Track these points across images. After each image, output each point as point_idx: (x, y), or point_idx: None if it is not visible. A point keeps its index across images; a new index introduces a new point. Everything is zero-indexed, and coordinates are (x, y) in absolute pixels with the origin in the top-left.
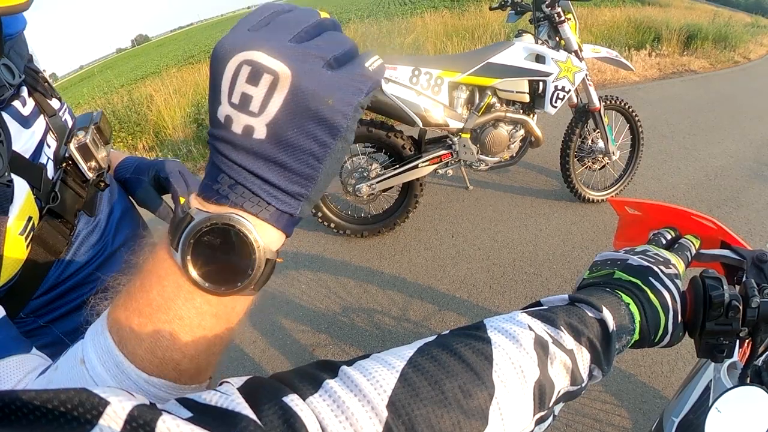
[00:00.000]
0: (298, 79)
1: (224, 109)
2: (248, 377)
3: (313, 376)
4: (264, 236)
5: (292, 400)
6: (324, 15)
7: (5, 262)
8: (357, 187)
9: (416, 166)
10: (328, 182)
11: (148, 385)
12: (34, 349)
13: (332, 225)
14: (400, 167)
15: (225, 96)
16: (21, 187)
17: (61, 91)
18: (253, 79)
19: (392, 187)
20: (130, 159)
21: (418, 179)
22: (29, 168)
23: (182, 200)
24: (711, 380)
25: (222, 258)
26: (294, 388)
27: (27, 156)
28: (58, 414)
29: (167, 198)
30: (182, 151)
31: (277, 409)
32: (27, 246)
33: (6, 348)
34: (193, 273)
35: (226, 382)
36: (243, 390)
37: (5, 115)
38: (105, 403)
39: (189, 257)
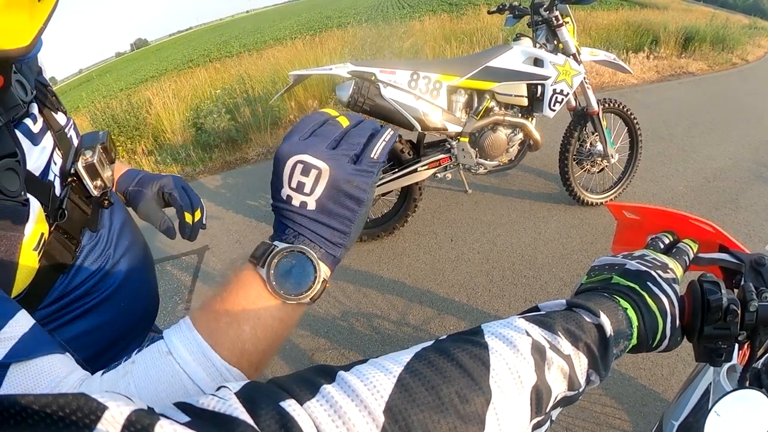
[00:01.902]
0: (334, 171)
1: (286, 191)
2: (246, 382)
3: (310, 381)
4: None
5: (290, 405)
6: (332, 113)
7: (19, 276)
8: None
9: (415, 170)
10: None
11: (228, 373)
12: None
13: None
14: (399, 171)
15: (286, 183)
16: (34, 205)
17: (60, 94)
18: (305, 172)
19: (391, 191)
20: (132, 171)
21: (417, 183)
22: (39, 186)
23: (187, 216)
24: (710, 383)
25: (293, 274)
26: (291, 393)
27: (37, 174)
28: (56, 418)
29: (167, 211)
30: (181, 155)
31: (275, 414)
32: (38, 261)
33: (47, 346)
34: (273, 283)
35: (224, 387)
36: (240, 395)
37: (18, 133)
38: (103, 408)
39: (272, 271)
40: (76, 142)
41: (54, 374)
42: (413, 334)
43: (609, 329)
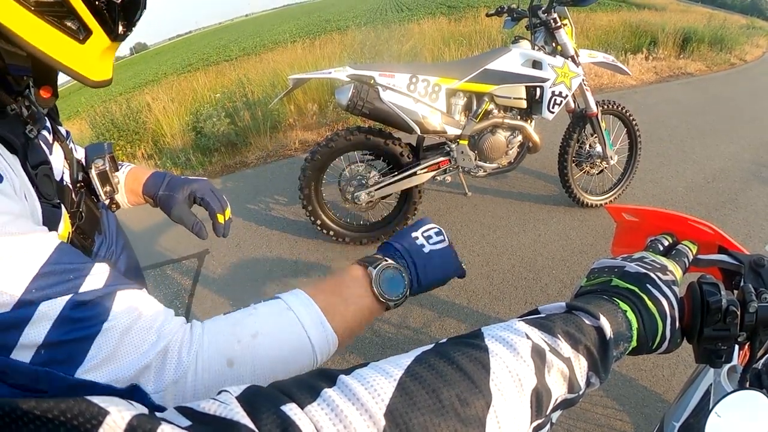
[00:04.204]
0: (449, 249)
1: (416, 234)
2: (247, 386)
3: (311, 385)
4: None
5: (291, 409)
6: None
7: None
8: (356, 194)
9: (414, 173)
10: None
11: (329, 332)
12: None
13: (331, 233)
14: (398, 174)
15: (420, 231)
16: (62, 208)
17: (60, 98)
18: (437, 234)
19: (391, 194)
20: (158, 174)
21: (416, 186)
22: (62, 191)
23: (219, 217)
24: (711, 384)
25: (391, 283)
26: (292, 397)
27: (57, 180)
28: (58, 423)
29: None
30: (181, 159)
31: (276, 418)
32: None
33: (134, 285)
34: (379, 283)
35: (225, 391)
36: (241, 399)
37: (41, 143)
38: (104, 413)
39: (380, 275)
40: (75, 153)
41: (156, 305)
42: (413, 336)
43: (609, 332)
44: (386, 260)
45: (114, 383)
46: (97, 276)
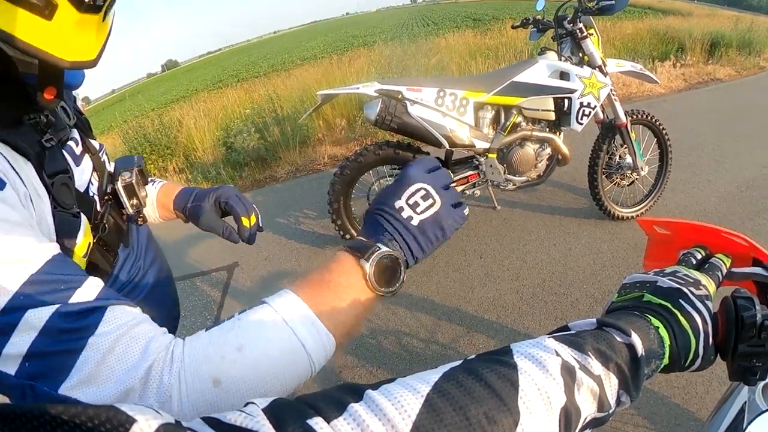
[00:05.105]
0: (442, 208)
1: (400, 203)
2: (273, 398)
3: (338, 399)
4: None
5: (317, 423)
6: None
7: None
8: None
9: None
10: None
11: (327, 340)
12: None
13: None
14: None
15: (404, 197)
16: (82, 218)
17: (94, 113)
18: (425, 198)
19: None
20: (186, 190)
21: None
22: (85, 201)
23: (244, 220)
24: (745, 402)
25: (386, 274)
26: (318, 410)
27: (81, 191)
28: (85, 429)
29: (228, 220)
30: (212, 173)
31: (301, 431)
32: (85, 268)
33: (126, 300)
34: (373, 277)
35: (251, 403)
36: (268, 411)
37: (65, 154)
38: (132, 421)
39: (374, 268)
40: (108, 165)
41: (145, 323)
42: (442, 352)
43: (640, 349)
44: (378, 247)
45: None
46: (89, 289)
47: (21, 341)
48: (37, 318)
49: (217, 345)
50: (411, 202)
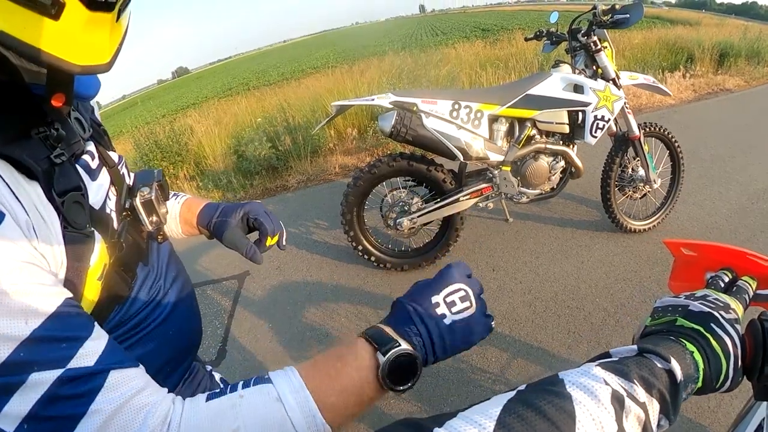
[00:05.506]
0: (477, 313)
1: (437, 298)
2: None
3: None
4: None
5: None
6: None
7: (83, 304)
8: (398, 221)
9: (457, 200)
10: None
11: (323, 429)
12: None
13: (373, 258)
14: (440, 201)
15: (442, 295)
16: (98, 237)
17: (104, 118)
18: (462, 299)
19: (433, 220)
20: (212, 205)
21: (458, 213)
22: (100, 219)
23: (269, 239)
24: (764, 419)
25: (401, 371)
26: None
27: (96, 208)
28: None
29: (251, 237)
30: (223, 181)
31: None
32: (100, 290)
33: (130, 358)
34: (386, 373)
35: None
36: None
37: (78, 168)
38: None
39: (389, 364)
40: (128, 179)
41: (147, 388)
42: (455, 365)
43: (679, 374)
44: (397, 343)
45: None
46: (93, 345)
47: (22, 403)
48: (40, 381)
49: (213, 423)
50: (448, 300)
